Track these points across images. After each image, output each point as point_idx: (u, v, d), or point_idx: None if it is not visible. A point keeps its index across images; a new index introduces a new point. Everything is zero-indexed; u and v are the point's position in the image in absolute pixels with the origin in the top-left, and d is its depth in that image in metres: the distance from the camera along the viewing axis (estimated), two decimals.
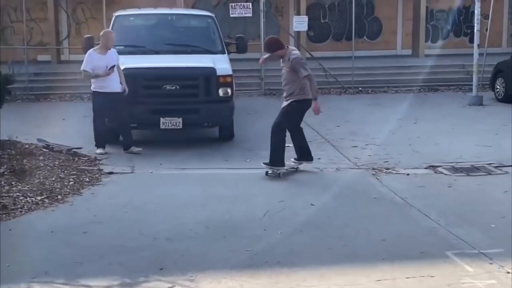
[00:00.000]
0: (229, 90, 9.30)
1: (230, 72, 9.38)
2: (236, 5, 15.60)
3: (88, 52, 8.57)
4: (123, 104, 8.66)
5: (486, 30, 23.44)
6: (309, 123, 11.45)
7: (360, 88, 16.53)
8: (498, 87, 13.83)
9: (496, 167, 8.10)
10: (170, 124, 9.01)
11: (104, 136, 8.80)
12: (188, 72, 9.09)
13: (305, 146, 7.88)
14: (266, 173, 7.62)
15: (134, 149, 8.81)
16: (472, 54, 21.65)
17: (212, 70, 9.12)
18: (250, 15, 16.02)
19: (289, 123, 7.67)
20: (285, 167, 7.72)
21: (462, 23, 23.37)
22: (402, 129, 10.72)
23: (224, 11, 17.89)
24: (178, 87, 9.00)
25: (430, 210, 6.19)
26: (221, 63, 9.42)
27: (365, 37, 22.89)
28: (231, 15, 16.03)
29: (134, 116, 8.87)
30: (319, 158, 8.68)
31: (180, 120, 8.99)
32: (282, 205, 6.41)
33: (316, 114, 7.81)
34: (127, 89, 8.66)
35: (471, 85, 16.89)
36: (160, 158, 8.53)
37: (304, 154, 7.87)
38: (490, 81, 14.23)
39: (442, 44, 23.06)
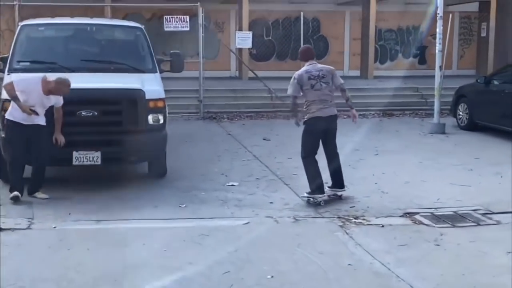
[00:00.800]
0: (160, 117, 7.66)
1: (162, 95, 7.75)
2: (172, 17, 13.97)
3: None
4: (45, 136, 6.90)
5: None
6: (256, 154, 9.99)
7: None
8: (460, 113, 12.75)
9: (483, 214, 6.78)
10: (85, 160, 7.26)
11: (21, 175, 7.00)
12: (109, 95, 7.39)
13: (337, 171, 7.33)
14: (308, 200, 7.05)
15: (40, 195, 7.01)
16: (424, 76, 21.01)
17: (139, 93, 7.46)
18: (187, 29, 14.43)
19: (306, 147, 7.32)
20: (325, 194, 7.15)
21: (411, 43, 22.61)
22: (363, 163, 9.35)
23: (159, 25, 16.25)
24: (96, 113, 7.29)
25: (425, 285, 4.74)
26: (151, 84, 7.78)
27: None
28: (166, 29, 14.40)
29: None
30: (271, 202, 7.15)
31: (99, 154, 7.26)
32: (227, 280, 4.79)
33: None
34: None
35: (428, 110, 15.98)
36: (70, 205, 6.76)
37: (335, 181, 7.35)
38: (451, 106, 13.15)
39: (391, 65, 22.20)
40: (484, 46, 21.23)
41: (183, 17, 13.98)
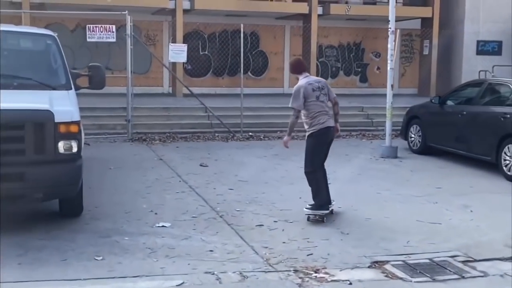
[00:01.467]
0: (74, 144, 6.23)
1: (76, 117, 6.32)
2: (95, 27, 12.48)
3: None
4: None
5: (378, 69, 22.29)
6: (193, 184, 8.69)
7: (250, 133, 13.98)
8: (412, 136, 11.87)
9: (464, 262, 5.73)
10: None
11: None
12: (8, 118, 5.90)
13: (327, 185, 7.26)
14: (308, 218, 6.86)
15: None
16: (367, 95, 20.36)
17: (46, 115, 6.03)
18: (113, 39, 12.98)
19: (314, 159, 7.06)
20: (329, 209, 7.06)
21: (353, 60, 21.95)
22: None
23: (84, 37, 14.74)
24: None
25: None
26: (62, 104, 6.35)
27: (249, 72, 20.69)
28: (88, 39, 12.90)
29: None
30: (211, 251, 5.85)
31: None
32: None
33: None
34: None
35: (374, 131, 15.17)
36: None
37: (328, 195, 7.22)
38: (402, 128, 12.27)
39: (332, 83, 21.38)
40: (426, 64, 20.78)
41: (108, 27, 12.53)
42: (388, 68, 11.29)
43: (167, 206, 7.50)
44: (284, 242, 6.14)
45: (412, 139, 11.85)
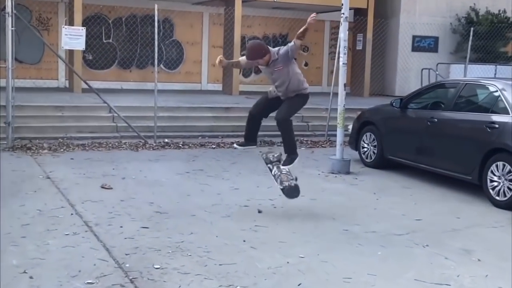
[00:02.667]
0: None
1: None
2: None
3: None
4: None
5: (305, 65, 20.49)
6: (90, 219, 6.33)
7: (166, 140, 11.64)
8: (365, 145, 10.01)
9: None
10: None
11: None
12: None
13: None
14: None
15: None
16: None
17: None
18: None
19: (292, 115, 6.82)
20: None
21: None
22: (262, 235, 6.10)
23: None
24: None
25: None
26: None
27: (161, 65, 18.26)
28: None
29: None
30: None
31: None
32: None
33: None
34: None
35: (311, 136, 13.25)
36: None
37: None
38: (351, 136, 10.37)
39: (256, 79, 19.40)
40: (359, 61, 19.16)
41: None
42: (341, 63, 9.34)
43: (50, 261, 5.10)
44: None
45: (365, 149, 9.99)
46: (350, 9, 19.04)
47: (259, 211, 6.96)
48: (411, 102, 9.25)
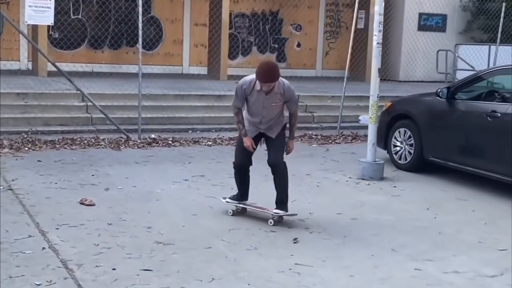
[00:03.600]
0: None
1: None
2: None
3: None
4: None
5: (298, 45, 18.87)
6: (68, 258, 4.67)
7: (153, 136, 9.96)
8: (398, 144, 8.50)
9: None
10: None
11: None
12: None
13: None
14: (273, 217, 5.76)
15: None
16: (289, 78, 16.49)
17: None
18: None
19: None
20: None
21: (269, 34, 18.33)
22: (312, 277, 4.56)
23: None
24: None
25: None
26: None
27: (137, 45, 16.38)
28: None
29: None
30: None
31: None
32: None
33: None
34: None
35: (318, 128, 11.69)
36: None
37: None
38: (379, 132, 8.78)
39: (243, 61, 17.71)
40: (361, 42, 17.54)
41: None
42: (374, 42, 7.75)
43: None
44: None
45: (398, 148, 8.49)
46: None
47: (295, 241, 5.39)
48: (461, 91, 7.74)
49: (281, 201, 5.82)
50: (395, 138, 8.50)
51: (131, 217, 5.83)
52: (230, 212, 6.06)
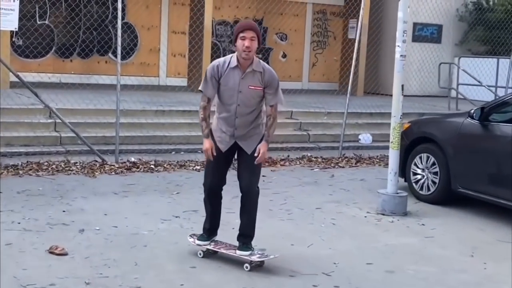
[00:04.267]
0: None
1: None
2: None
3: None
4: None
5: (283, 56, 17.89)
6: None
7: (132, 159, 8.83)
8: (419, 172, 7.52)
9: None
10: None
11: None
12: None
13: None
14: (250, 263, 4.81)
15: None
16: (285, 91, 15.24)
17: None
18: None
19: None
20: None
21: None
22: None
23: None
24: None
25: None
26: None
27: (110, 54, 15.29)
28: None
29: None
30: None
31: None
32: None
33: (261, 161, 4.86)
34: None
35: (315, 149, 10.65)
36: None
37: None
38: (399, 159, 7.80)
39: None
40: (352, 53, 16.62)
41: None
42: (397, 54, 6.79)
43: None
44: None
45: (419, 177, 7.50)
46: None
47: None
48: (497, 112, 6.80)
49: (246, 235, 4.98)
50: (415, 164, 7.52)
51: (114, 272, 4.70)
52: (200, 254, 5.12)
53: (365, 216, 6.70)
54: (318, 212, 6.75)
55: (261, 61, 4.92)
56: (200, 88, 4.92)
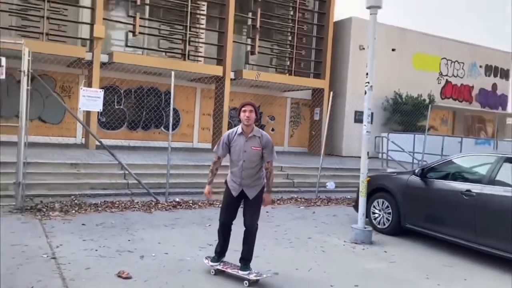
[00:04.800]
0: None
1: None
2: None
3: None
4: None
5: (272, 130, 17.21)
6: None
7: (177, 199, 7.91)
8: (377, 212, 6.66)
9: None
10: None
11: None
12: None
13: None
14: (249, 280, 4.04)
15: None
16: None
17: None
18: (2, 76, 6.38)
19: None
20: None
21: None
22: None
23: None
24: None
25: None
26: None
27: (162, 127, 14.53)
28: None
29: None
30: None
31: None
32: None
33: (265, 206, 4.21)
34: None
35: (298, 192, 9.74)
36: None
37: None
38: (358, 201, 6.98)
39: None
40: (316, 128, 16.07)
41: None
42: (364, 131, 6.06)
43: None
44: None
45: (376, 215, 6.63)
46: (308, 89, 16.33)
47: None
48: (432, 171, 6.02)
49: (247, 259, 4.27)
50: (374, 207, 6.66)
51: None
52: (212, 272, 4.33)
53: (344, 245, 5.79)
54: (310, 241, 5.84)
55: (260, 129, 4.30)
56: (214, 149, 4.28)
